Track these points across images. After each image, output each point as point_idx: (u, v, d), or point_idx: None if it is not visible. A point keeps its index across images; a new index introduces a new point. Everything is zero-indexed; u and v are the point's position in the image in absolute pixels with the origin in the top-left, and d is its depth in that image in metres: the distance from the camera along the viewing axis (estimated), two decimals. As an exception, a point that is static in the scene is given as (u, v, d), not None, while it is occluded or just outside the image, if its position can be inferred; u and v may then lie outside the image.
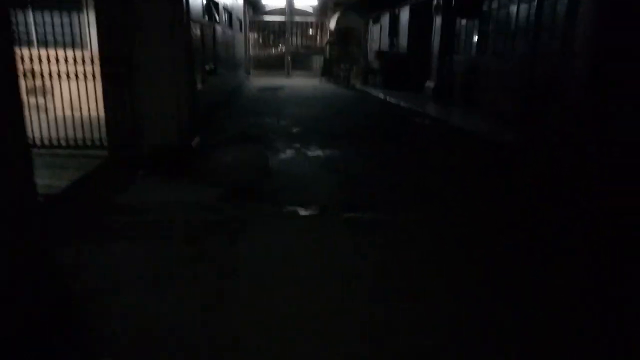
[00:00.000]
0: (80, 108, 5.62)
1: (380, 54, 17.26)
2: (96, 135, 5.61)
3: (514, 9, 8.88)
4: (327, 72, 22.40)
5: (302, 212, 4.26)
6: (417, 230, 3.92)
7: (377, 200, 4.67)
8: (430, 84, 13.25)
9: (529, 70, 8.13)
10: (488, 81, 9.99)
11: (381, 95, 14.10)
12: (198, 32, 9.29)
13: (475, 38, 10.84)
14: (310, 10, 26.10)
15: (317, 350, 2.33)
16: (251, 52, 26.58)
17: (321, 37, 29.27)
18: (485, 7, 10.23)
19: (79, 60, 5.40)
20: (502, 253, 3.53)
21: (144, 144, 5.58)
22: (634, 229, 4.04)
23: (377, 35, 19.24)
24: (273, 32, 33.51)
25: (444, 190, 5.04)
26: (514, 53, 8.84)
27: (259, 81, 21.14)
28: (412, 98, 12.94)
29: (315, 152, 6.59)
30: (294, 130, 8.42)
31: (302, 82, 21.14)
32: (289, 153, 6.55)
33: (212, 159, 6.21)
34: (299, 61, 28.63)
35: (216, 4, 11.37)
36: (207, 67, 10.43)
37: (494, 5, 9.83)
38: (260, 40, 33.61)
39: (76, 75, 5.42)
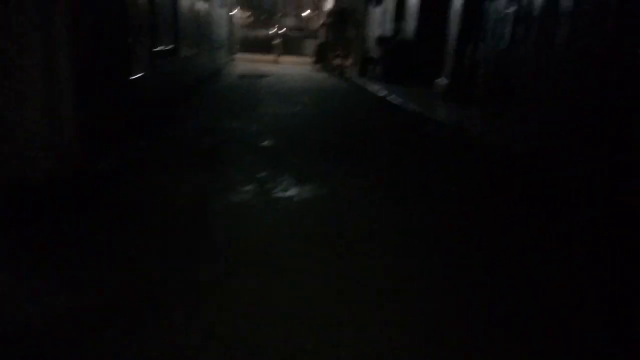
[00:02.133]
0: None
1: (381, 40, 14.71)
2: None
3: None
4: (321, 59, 19.88)
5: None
6: None
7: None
8: (443, 80, 10.84)
9: (597, 65, 5.77)
10: (530, 81, 7.62)
11: (382, 92, 11.65)
12: (142, -1, 6.80)
13: (509, 23, 8.42)
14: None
15: None
16: (238, 31, 23.94)
17: (317, 18, 26.71)
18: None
19: None
20: None
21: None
22: None
23: (380, 18, 16.69)
24: (265, 11, 30.85)
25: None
26: (571, 42, 6.44)
27: (243, 66, 18.61)
28: (421, 98, 10.51)
29: (288, 191, 4.19)
30: (266, 142, 6.01)
31: (291, 70, 18.64)
32: (248, 191, 4.15)
33: (120, 201, 3.80)
34: (290, 45, 26.12)
35: (178, -34, 8.84)
36: (160, 47, 7.95)
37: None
38: (251, 20, 30.89)
39: None
